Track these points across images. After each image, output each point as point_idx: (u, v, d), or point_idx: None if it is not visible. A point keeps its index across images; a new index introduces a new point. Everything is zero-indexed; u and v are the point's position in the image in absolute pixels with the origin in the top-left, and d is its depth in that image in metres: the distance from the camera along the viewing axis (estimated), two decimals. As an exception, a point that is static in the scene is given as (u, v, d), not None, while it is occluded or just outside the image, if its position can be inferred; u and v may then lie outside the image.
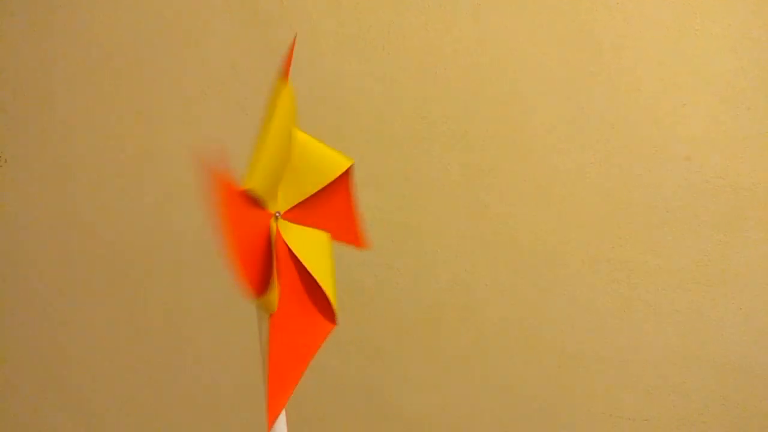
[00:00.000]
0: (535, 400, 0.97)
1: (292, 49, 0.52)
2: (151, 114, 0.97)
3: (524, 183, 0.91)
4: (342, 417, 1.02)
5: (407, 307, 0.97)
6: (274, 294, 0.49)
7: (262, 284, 0.49)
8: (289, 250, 0.52)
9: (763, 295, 0.89)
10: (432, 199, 0.93)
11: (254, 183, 0.48)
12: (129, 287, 1.02)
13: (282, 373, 0.50)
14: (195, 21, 0.94)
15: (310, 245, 0.54)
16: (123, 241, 1.01)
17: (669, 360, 0.93)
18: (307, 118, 0.94)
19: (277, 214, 0.52)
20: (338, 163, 0.58)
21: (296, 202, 0.55)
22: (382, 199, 0.95)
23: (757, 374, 0.91)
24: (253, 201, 0.49)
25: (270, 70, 0.94)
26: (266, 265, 0.50)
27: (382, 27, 0.90)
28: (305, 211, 0.55)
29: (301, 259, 0.52)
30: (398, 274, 0.96)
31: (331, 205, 0.58)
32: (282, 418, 0.53)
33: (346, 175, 0.59)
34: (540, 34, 0.88)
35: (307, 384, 1.00)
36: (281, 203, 0.53)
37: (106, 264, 1.02)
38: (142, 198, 0.99)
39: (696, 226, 0.89)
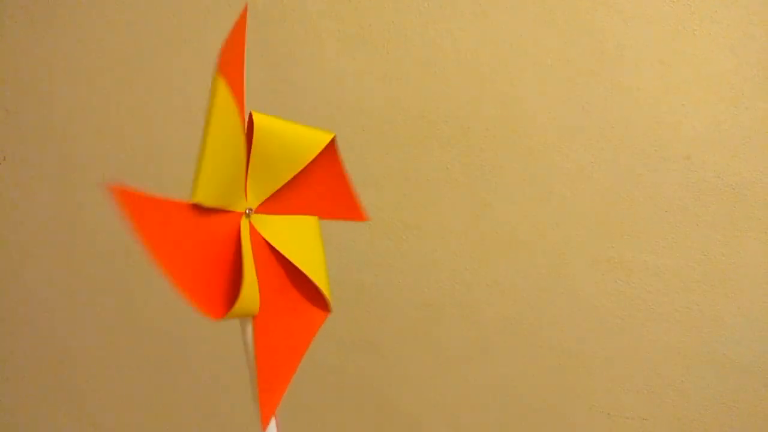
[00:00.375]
0: (535, 399, 0.97)
1: (241, 27, 0.47)
2: (151, 112, 0.97)
3: (525, 182, 0.91)
4: (342, 416, 1.02)
5: (407, 307, 0.97)
6: (250, 297, 0.47)
7: (228, 295, 0.46)
8: (268, 244, 0.50)
9: (764, 295, 0.90)
10: (432, 198, 0.93)
11: (202, 194, 0.45)
12: (129, 286, 1.02)
13: (273, 373, 0.49)
14: (195, 20, 0.94)
15: (291, 234, 0.51)
16: (123, 239, 1.01)
17: (669, 360, 0.93)
18: (306, 118, 0.94)
19: (248, 211, 0.50)
20: (315, 141, 0.53)
21: (270, 193, 0.52)
22: (382, 199, 0.95)
23: (757, 374, 0.91)
24: (208, 211, 0.46)
25: (270, 69, 0.94)
26: (234, 272, 0.47)
27: (383, 26, 0.90)
28: (282, 199, 0.52)
29: (282, 251, 0.50)
30: (398, 274, 0.96)
31: (317, 184, 0.54)
32: (273, 421, 0.53)
33: (330, 149, 0.54)
34: (541, 34, 0.88)
35: (307, 383, 1.00)
36: (252, 198, 0.51)
37: (106, 262, 1.02)
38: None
39: (696, 225, 0.89)
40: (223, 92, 0.47)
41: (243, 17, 0.47)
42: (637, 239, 0.91)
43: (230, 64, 0.47)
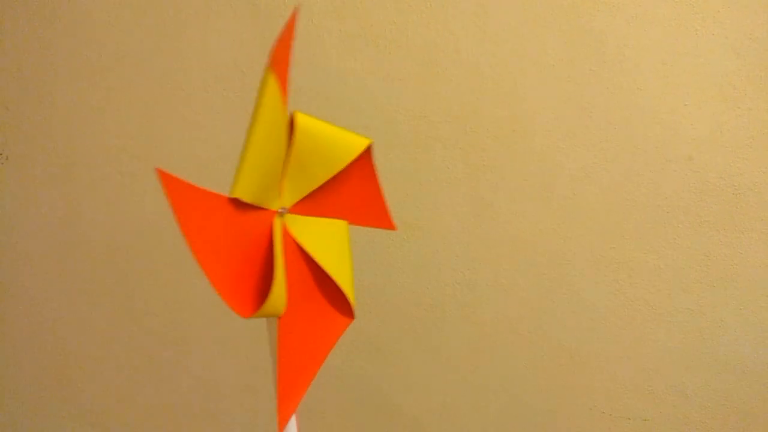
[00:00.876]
0: (536, 399, 0.97)
1: (291, 28, 0.46)
2: (152, 111, 0.97)
3: (526, 182, 0.91)
4: (343, 416, 1.02)
5: (409, 306, 0.97)
6: (279, 296, 0.47)
7: (258, 293, 0.46)
8: (298, 245, 0.49)
9: (764, 295, 0.90)
10: (434, 197, 0.93)
11: (242, 189, 0.45)
12: (130, 286, 1.02)
13: (293, 374, 0.48)
14: (197, 18, 0.94)
15: (321, 237, 0.50)
16: (124, 239, 1.01)
17: (669, 360, 0.93)
18: (308, 118, 0.94)
19: (282, 210, 0.50)
20: (352, 145, 0.53)
21: (305, 194, 0.51)
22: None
23: (757, 374, 0.92)
24: (246, 207, 0.46)
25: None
26: (265, 270, 0.47)
27: (384, 25, 0.90)
28: (316, 201, 0.52)
29: (311, 253, 0.49)
30: (400, 273, 0.96)
31: (349, 189, 0.54)
32: (292, 420, 0.52)
33: (365, 156, 0.54)
34: (542, 34, 0.88)
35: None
36: (287, 197, 0.50)
37: (106, 262, 1.02)
38: (143, 196, 0.99)
39: (697, 225, 0.89)
40: (273, 89, 0.46)
41: (292, 19, 0.46)
42: (638, 239, 0.91)
43: (279, 63, 0.46)
